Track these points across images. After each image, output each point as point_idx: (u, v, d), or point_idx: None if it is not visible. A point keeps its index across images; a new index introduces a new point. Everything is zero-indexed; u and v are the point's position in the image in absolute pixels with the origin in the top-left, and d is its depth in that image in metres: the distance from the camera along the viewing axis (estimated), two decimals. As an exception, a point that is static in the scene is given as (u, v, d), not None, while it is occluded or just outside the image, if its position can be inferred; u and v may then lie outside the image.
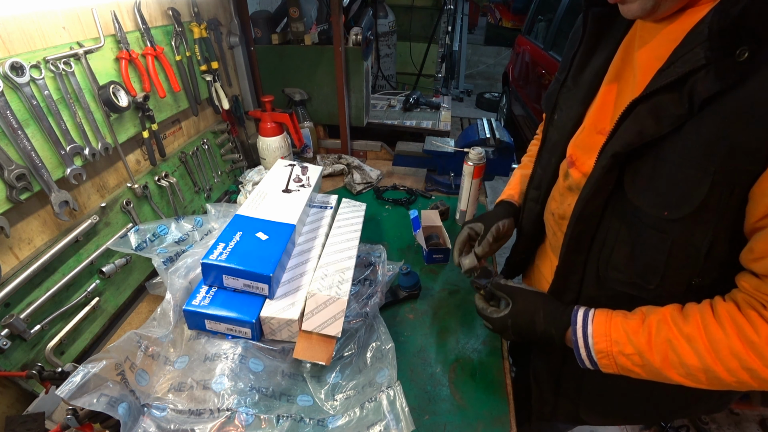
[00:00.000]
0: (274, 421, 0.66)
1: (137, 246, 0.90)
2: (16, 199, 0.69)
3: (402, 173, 1.56)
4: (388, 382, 0.74)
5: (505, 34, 6.65)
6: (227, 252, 0.78)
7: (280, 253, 0.80)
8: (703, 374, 0.50)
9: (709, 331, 0.49)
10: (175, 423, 0.63)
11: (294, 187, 1.02)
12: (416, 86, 3.16)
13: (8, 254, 0.72)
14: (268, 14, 1.49)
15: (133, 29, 0.93)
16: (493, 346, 0.86)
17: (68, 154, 0.78)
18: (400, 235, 1.20)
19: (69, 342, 0.83)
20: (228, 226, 0.85)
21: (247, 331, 0.76)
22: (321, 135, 1.69)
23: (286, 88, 1.55)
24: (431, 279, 1.04)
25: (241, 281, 0.77)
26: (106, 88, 0.83)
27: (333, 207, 1.10)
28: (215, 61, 1.22)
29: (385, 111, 2.02)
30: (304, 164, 1.12)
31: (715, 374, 0.49)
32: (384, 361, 0.78)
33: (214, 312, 0.75)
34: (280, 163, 1.12)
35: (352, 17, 1.86)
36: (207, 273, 0.78)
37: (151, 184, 1.03)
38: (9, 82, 0.66)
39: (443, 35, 3.49)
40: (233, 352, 0.71)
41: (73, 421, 0.58)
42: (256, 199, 0.94)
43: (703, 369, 0.50)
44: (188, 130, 1.21)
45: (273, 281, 0.77)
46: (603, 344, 0.57)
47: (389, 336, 0.82)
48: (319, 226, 1.02)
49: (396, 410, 0.69)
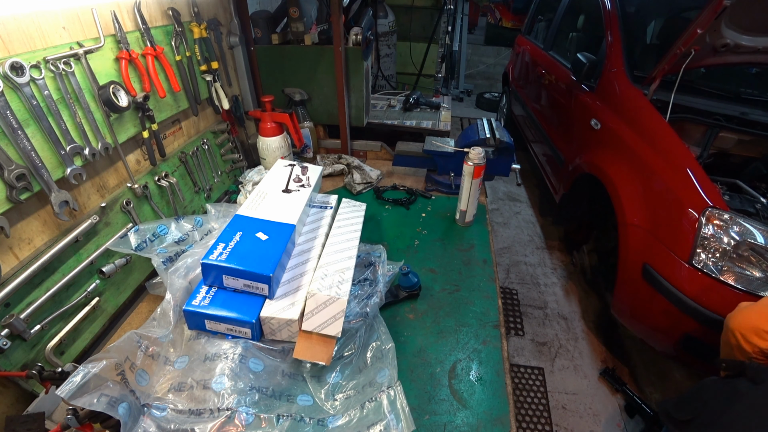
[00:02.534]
0: (274, 421, 0.66)
1: (137, 246, 0.89)
2: (16, 199, 0.69)
3: (402, 173, 1.56)
4: (388, 381, 0.74)
5: (505, 34, 6.64)
6: (227, 252, 0.78)
7: (280, 253, 0.79)
8: None
9: None
10: (175, 423, 0.63)
11: (294, 187, 1.02)
12: (416, 86, 3.16)
13: (8, 254, 0.72)
14: (268, 14, 1.49)
15: (133, 29, 0.93)
16: (493, 346, 0.86)
17: (68, 154, 0.78)
18: (400, 235, 1.20)
19: (69, 342, 0.82)
20: (228, 226, 0.85)
21: (247, 332, 0.76)
22: (321, 135, 1.69)
23: (286, 88, 1.55)
24: (431, 279, 1.04)
25: (241, 281, 0.77)
26: (106, 88, 0.83)
27: (333, 207, 1.10)
28: (215, 61, 1.22)
29: (385, 111, 2.02)
30: (304, 164, 1.12)
31: None
32: (384, 360, 0.78)
33: (214, 312, 0.75)
34: (280, 163, 1.12)
35: (352, 17, 1.86)
36: (207, 273, 0.78)
37: (151, 184, 1.03)
38: (9, 82, 0.66)
39: (443, 35, 3.48)
40: (233, 352, 0.71)
41: (73, 421, 0.58)
42: (256, 199, 0.94)
43: None
44: (188, 130, 1.21)
45: (273, 281, 0.77)
46: None
47: (389, 336, 0.82)
48: (319, 226, 1.02)
49: (396, 410, 0.69)
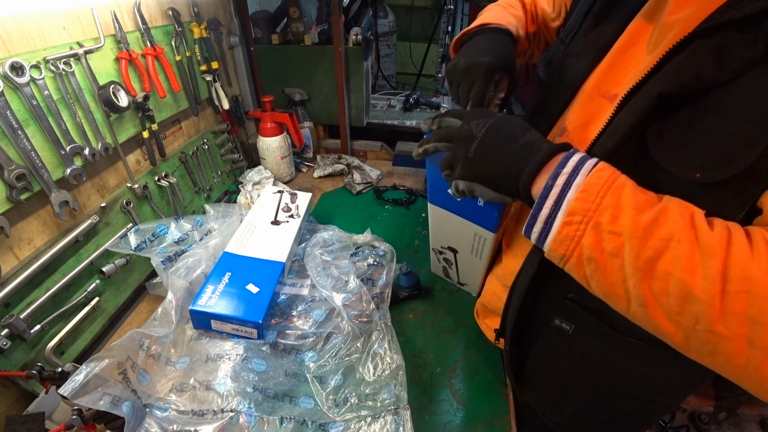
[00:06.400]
0: (277, 423, 0.66)
1: (137, 246, 0.89)
2: (16, 199, 0.69)
3: (402, 173, 1.56)
4: (395, 401, 0.71)
5: (505, 34, 6.65)
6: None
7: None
8: (688, 303, 0.35)
9: (736, 251, 0.34)
10: (178, 423, 0.63)
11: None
12: (416, 86, 3.16)
13: (8, 254, 0.72)
14: (268, 14, 1.49)
15: (133, 29, 0.93)
16: (493, 346, 0.86)
17: (68, 154, 0.78)
18: (400, 235, 1.20)
19: (69, 342, 0.82)
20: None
21: (252, 332, 0.76)
22: (321, 135, 1.69)
23: (286, 88, 1.55)
24: (431, 279, 1.04)
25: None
26: (106, 88, 0.83)
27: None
28: (215, 61, 1.22)
29: (385, 111, 2.02)
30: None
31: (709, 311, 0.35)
32: (392, 377, 0.75)
33: (220, 312, 0.75)
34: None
35: (352, 17, 1.86)
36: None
37: (151, 184, 1.03)
38: (9, 82, 0.66)
39: (443, 35, 3.48)
40: (236, 353, 0.71)
41: (78, 421, 0.58)
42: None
43: (697, 295, 0.35)
44: (188, 130, 1.21)
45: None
46: (584, 204, 0.40)
47: (399, 350, 0.78)
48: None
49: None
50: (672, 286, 0.36)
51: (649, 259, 0.37)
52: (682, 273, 0.35)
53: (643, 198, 0.40)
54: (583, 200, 0.40)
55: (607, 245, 0.39)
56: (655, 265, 0.37)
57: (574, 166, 0.42)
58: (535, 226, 0.44)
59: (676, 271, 0.36)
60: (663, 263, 0.36)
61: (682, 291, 0.35)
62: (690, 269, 0.35)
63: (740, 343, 0.33)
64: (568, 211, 0.41)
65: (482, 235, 0.76)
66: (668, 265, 0.36)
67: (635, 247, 0.37)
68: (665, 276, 0.36)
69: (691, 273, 0.35)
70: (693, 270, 0.35)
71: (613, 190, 0.40)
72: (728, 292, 0.33)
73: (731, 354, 0.34)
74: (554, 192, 0.42)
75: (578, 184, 0.41)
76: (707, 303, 0.34)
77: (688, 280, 0.35)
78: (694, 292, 0.35)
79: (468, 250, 0.83)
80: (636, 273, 0.38)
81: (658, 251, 0.37)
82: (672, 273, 0.36)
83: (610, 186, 0.40)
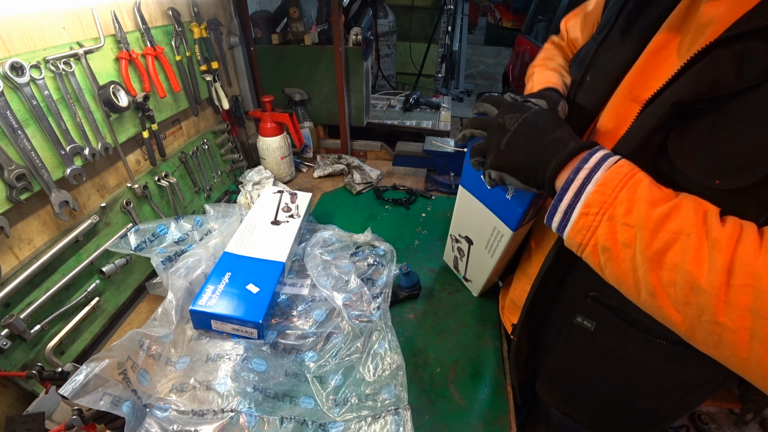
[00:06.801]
0: (277, 423, 0.66)
1: (137, 246, 0.89)
2: (16, 199, 0.69)
3: (402, 173, 1.56)
4: (395, 402, 0.71)
5: (505, 34, 6.66)
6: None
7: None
8: (694, 294, 0.36)
9: (744, 247, 0.35)
10: (178, 423, 0.63)
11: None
12: (416, 86, 3.16)
13: (8, 254, 0.72)
14: (268, 14, 1.49)
15: (133, 29, 0.93)
16: (493, 346, 0.86)
17: (68, 154, 0.78)
18: (400, 235, 1.20)
19: (69, 342, 0.82)
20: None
21: (253, 332, 0.76)
22: (321, 135, 1.69)
23: (286, 88, 1.55)
24: (431, 279, 1.04)
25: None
26: (106, 88, 0.83)
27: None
28: (215, 61, 1.22)
29: (385, 111, 2.02)
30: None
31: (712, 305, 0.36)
32: (392, 378, 0.75)
33: (220, 312, 0.75)
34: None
35: (352, 17, 1.86)
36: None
37: (151, 184, 1.03)
38: (9, 82, 0.66)
39: (443, 35, 3.49)
40: (236, 353, 0.71)
41: (78, 421, 0.58)
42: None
43: (702, 286, 0.36)
44: (188, 130, 1.21)
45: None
46: (601, 197, 0.42)
47: (399, 351, 0.78)
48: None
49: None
50: (679, 276, 0.37)
51: (659, 250, 0.38)
52: (689, 265, 0.36)
53: (659, 193, 0.41)
54: (601, 193, 0.42)
55: (620, 236, 0.41)
56: (664, 256, 0.38)
57: (596, 162, 0.44)
58: (555, 216, 0.47)
59: (684, 263, 0.37)
60: (672, 255, 0.37)
61: (689, 282, 0.36)
62: (697, 261, 0.36)
63: (743, 335, 0.34)
64: (586, 203, 0.43)
65: (500, 231, 0.76)
66: (676, 256, 0.37)
67: (646, 239, 0.39)
68: (673, 267, 0.37)
69: (697, 265, 0.36)
70: (700, 262, 0.36)
71: (630, 185, 0.41)
72: (733, 284, 0.34)
73: (735, 346, 0.35)
74: (575, 185, 0.44)
75: (597, 179, 0.43)
76: (712, 294, 0.35)
77: (695, 271, 0.36)
78: (700, 283, 0.35)
79: (483, 243, 0.85)
80: (646, 263, 0.39)
81: (667, 243, 0.38)
82: (680, 264, 0.37)
83: (627, 181, 0.42)
